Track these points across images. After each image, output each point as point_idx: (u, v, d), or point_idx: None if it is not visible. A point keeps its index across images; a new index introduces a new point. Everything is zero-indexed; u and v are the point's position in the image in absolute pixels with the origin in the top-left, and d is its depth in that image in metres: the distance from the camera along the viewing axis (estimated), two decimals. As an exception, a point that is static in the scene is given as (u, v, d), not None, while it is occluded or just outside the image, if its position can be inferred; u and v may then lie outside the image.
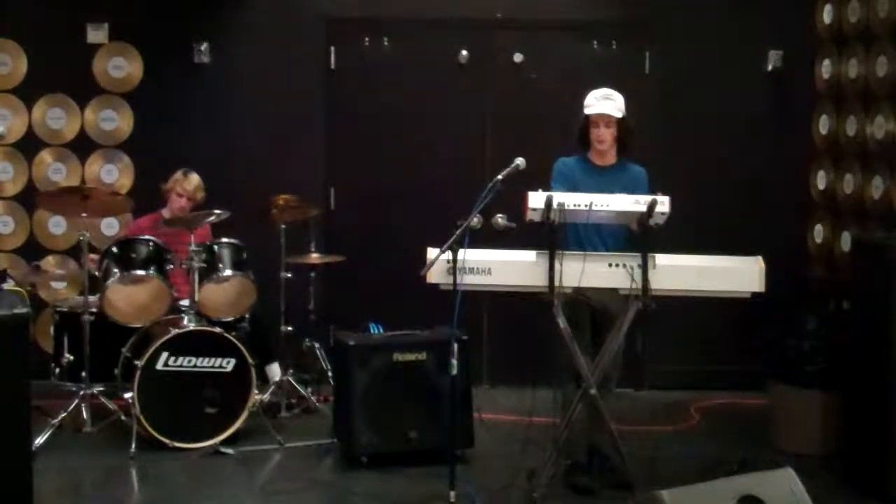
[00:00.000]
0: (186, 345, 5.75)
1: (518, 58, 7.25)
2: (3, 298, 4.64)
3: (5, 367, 4.20)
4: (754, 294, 4.90)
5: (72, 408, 5.82)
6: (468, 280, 4.79)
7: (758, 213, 7.07)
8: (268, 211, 6.36)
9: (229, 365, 5.80)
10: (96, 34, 7.14)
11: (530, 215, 4.81)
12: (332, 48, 7.26)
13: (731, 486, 3.90)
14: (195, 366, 5.75)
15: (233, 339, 5.83)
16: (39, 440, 5.50)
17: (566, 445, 5.08)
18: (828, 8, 6.68)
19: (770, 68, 7.19)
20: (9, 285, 5.74)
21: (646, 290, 4.79)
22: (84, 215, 5.85)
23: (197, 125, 7.12)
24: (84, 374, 5.87)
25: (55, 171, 7.18)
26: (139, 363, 5.65)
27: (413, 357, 5.55)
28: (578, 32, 7.23)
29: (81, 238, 5.87)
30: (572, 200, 4.80)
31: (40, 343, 6.66)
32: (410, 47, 7.27)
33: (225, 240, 6.18)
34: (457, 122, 7.23)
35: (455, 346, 4.76)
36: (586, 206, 4.79)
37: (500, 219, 5.05)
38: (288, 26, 7.20)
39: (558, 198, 4.78)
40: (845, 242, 6.43)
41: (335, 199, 7.30)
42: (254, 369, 5.85)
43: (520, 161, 4.92)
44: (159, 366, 5.69)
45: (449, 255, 4.73)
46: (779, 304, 5.64)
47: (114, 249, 5.97)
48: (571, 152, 5.36)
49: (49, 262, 7.15)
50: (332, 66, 7.27)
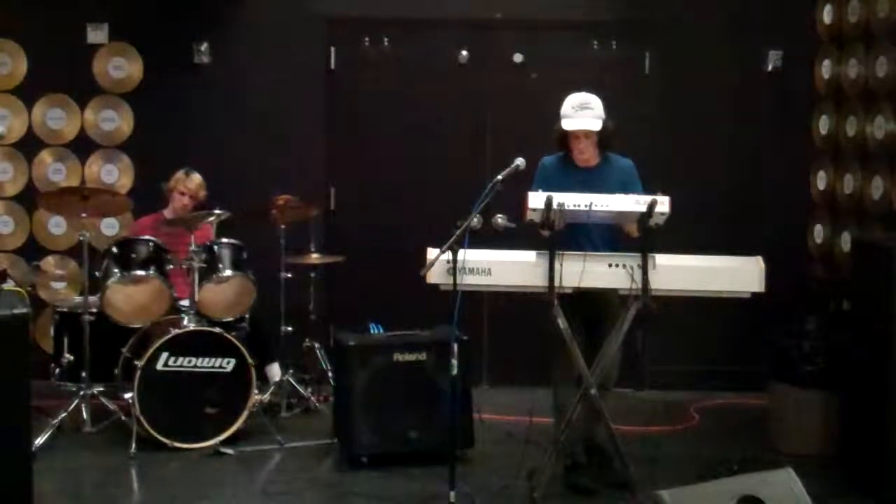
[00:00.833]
0: (186, 345, 5.75)
1: (518, 58, 7.25)
2: (3, 298, 4.63)
3: (5, 367, 4.20)
4: (754, 294, 4.89)
5: (72, 408, 5.83)
6: (468, 280, 4.79)
7: (758, 213, 7.07)
8: (268, 211, 6.37)
9: (229, 365, 5.80)
10: (96, 34, 7.14)
11: (530, 215, 4.81)
12: (332, 48, 7.25)
13: (731, 486, 3.90)
14: (195, 366, 5.75)
15: (233, 339, 5.83)
16: (39, 440, 5.50)
17: (566, 445, 5.08)
18: (828, 8, 6.68)
19: (770, 68, 7.18)
20: (9, 285, 5.72)
21: (646, 290, 4.79)
22: (84, 215, 5.85)
23: (197, 125, 7.12)
24: (84, 374, 5.87)
25: (55, 171, 7.17)
26: (139, 363, 5.66)
27: (413, 357, 5.55)
28: (578, 32, 7.23)
29: (81, 238, 5.87)
30: (572, 200, 4.80)
31: (40, 343, 6.66)
32: (410, 47, 7.27)
33: (225, 240, 6.18)
34: (457, 121, 7.23)
35: (455, 346, 4.75)
36: (586, 206, 4.79)
37: (500, 219, 5.04)
38: (288, 26, 7.19)
39: (558, 198, 4.77)
40: (845, 242, 6.43)
41: (335, 199, 7.29)
42: (254, 369, 5.86)
43: (520, 161, 4.92)
44: (159, 366, 5.69)
45: (449, 255, 4.73)
46: (779, 304, 5.63)
47: (114, 249, 5.98)
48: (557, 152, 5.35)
49: (49, 262, 7.14)
50: (332, 66, 7.26)
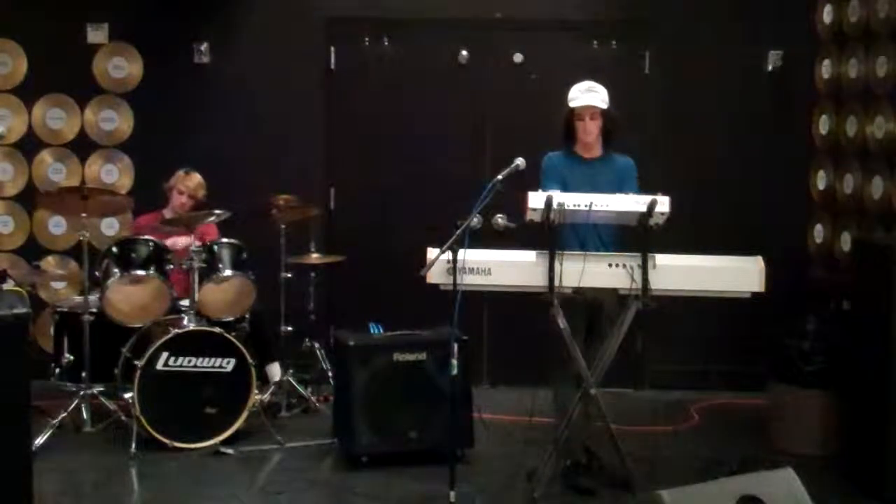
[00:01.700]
0: (186, 345, 5.75)
1: (518, 58, 7.25)
2: (3, 298, 4.63)
3: (5, 367, 4.20)
4: (754, 294, 4.90)
5: (72, 408, 5.83)
6: (468, 280, 4.79)
7: (758, 213, 7.07)
8: (268, 211, 6.37)
9: (229, 365, 5.80)
10: (96, 34, 7.15)
11: (530, 215, 4.81)
12: (332, 48, 7.25)
13: (731, 486, 3.89)
14: (195, 366, 5.75)
15: (233, 339, 5.83)
16: (39, 440, 5.50)
17: (566, 445, 5.08)
18: (828, 8, 6.68)
19: (770, 68, 7.18)
20: (9, 285, 5.73)
21: (646, 290, 4.79)
22: (84, 215, 5.85)
23: (197, 125, 7.12)
24: (84, 374, 5.88)
25: (55, 171, 7.18)
26: (139, 363, 5.65)
27: (413, 357, 5.55)
28: (578, 32, 7.22)
29: (81, 238, 5.87)
30: (572, 200, 4.80)
31: (40, 343, 6.66)
32: (410, 47, 7.27)
33: (225, 240, 6.19)
34: (457, 121, 7.23)
35: (455, 346, 4.75)
36: (586, 206, 4.79)
37: (500, 219, 5.04)
38: (288, 26, 7.19)
39: (558, 198, 4.78)
40: (845, 242, 6.42)
41: (335, 199, 7.30)
42: (254, 369, 5.86)
43: (520, 161, 4.92)
44: (159, 366, 5.69)
45: (449, 255, 4.73)
46: (779, 304, 5.64)
47: (114, 249, 5.98)
48: (561, 149, 5.35)
49: (49, 262, 7.15)
50: (332, 66, 7.26)
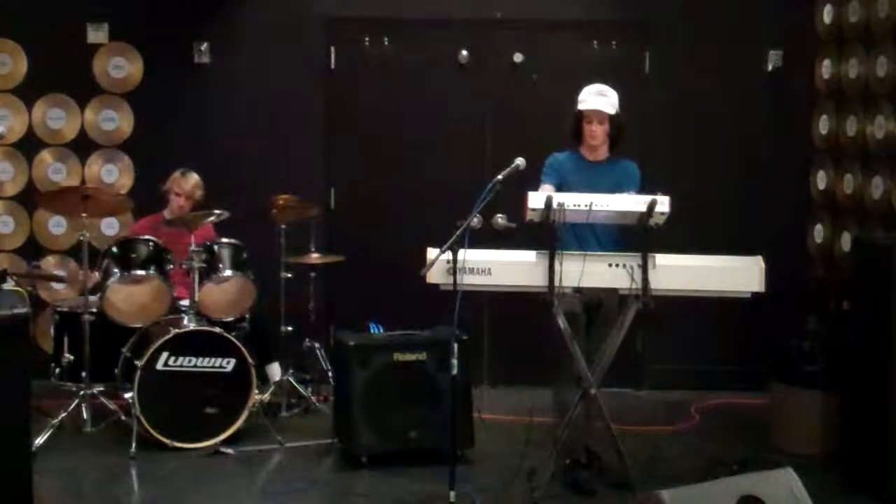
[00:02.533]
0: (186, 345, 5.75)
1: (518, 58, 7.25)
2: (3, 298, 4.63)
3: (5, 367, 4.19)
4: (754, 294, 4.90)
5: (72, 408, 5.82)
6: (468, 280, 4.78)
7: (758, 213, 7.06)
8: (268, 211, 6.37)
9: (229, 365, 5.80)
10: (96, 34, 7.14)
11: (530, 215, 4.81)
12: (332, 48, 7.25)
13: (731, 486, 3.89)
14: (195, 366, 5.75)
15: (233, 339, 5.83)
16: (39, 440, 5.50)
17: (566, 445, 5.08)
18: (828, 8, 6.68)
19: (770, 68, 7.18)
20: (9, 285, 5.73)
21: (646, 290, 4.79)
22: (84, 215, 5.85)
23: (197, 125, 7.11)
24: (84, 374, 5.87)
25: (55, 171, 7.17)
26: (139, 363, 5.65)
27: (413, 357, 5.55)
28: (578, 32, 7.22)
29: (81, 238, 5.87)
30: (572, 200, 4.80)
31: (40, 343, 6.65)
32: (410, 47, 7.27)
33: (225, 240, 6.18)
34: (457, 122, 7.23)
35: (455, 346, 4.75)
36: (586, 206, 4.79)
37: (500, 219, 5.04)
38: (288, 26, 7.19)
39: (558, 198, 4.78)
40: (845, 242, 6.42)
41: (335, 199, 7.29)
42: (254, 369, 5.86)
43: (520, 161, 4.92)
44: (159, 366, 5.69)
45: (449, 255, 4.73)
46: (779, 303, 5.64)
47: (114, 249, 5.98)
48: (567, 149, 5.37)
49: (49, 262, 7.15)
50: (332, 66, 7.26)
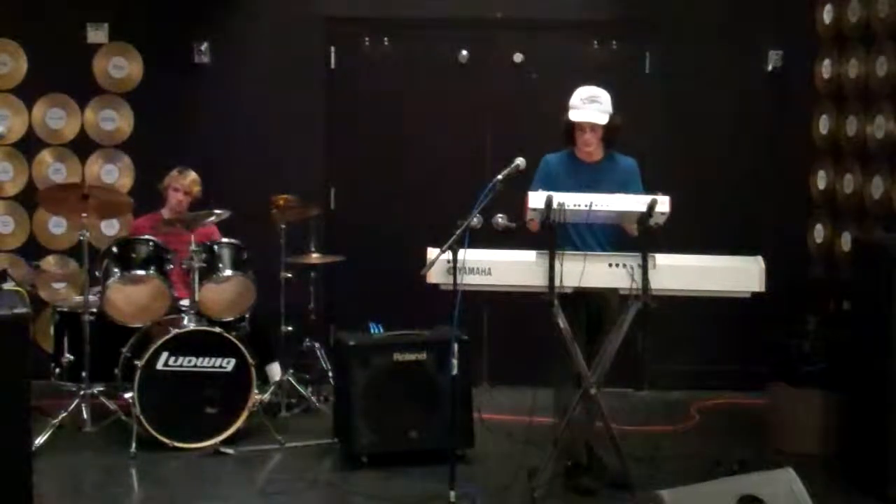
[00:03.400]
0: (186, 345, 5.75)
1: (518, 58, 7.25)
2: (3, 298, 4.63)
3: (5, 367, 4.20)
4: (754, 294, 4.90)
5: (72, 408, 5.83)
6: (468, 280, 4.79)
7: (758, 213, 7.07)
8: (268, 211, 6.37)
9: (229, 365, 5.80)
10: (96, 34, 7.14)
11: (530, 215, 4.81)
12: (332, 48, 7.25)
13: (731, 486, 3.90)
14: (195, 366, 5.75)
15: (233, 339, 5.83)
16: (39, 440, 5.50)
17: (566, 445, 5.08)
18: (828, 8, 6.67)
19: (770, 68, 7.18)
20: (9, 285, 5.73)
21: (646, 290, 4.79)
22: (84, 215, 5.85)
23: (197, 125, 7.12)
24: (84, 374, 5.87)
25: (55, 171, 7.17)
26: (139, 363, 5.65)
27: (413, 357, 5.55)
28: (578, 32, 7.23)
29: (81, 238, 5.87)
30: (572, 200, 4.80)
31: (40, 343, 6.65)
32: (410, 47, 7.27)
33: (225, 240, 6.19)
34: (457, 122, 7.23)
35: (455, 346, 4.75)
36: (586, 206, 4.79)
37: (500, 219, 5.04)
38: (288, 26, 7.19)
39: (558, 198, 4.77)
40: (845, 242, 6.42)
41: (335, 199, 7.29)
42: (254, 369, 5.85)
43: (520, 161, 4.93)
44: (159, 366, 5.69)
45: (449, 255, 4.73)
46: (779, 304, 5.64)
47: (114, 249, 5.98)
48: (563, 148, 5.35)
49: (49, 262, 7.15)
50: (332, 66, 7.26)
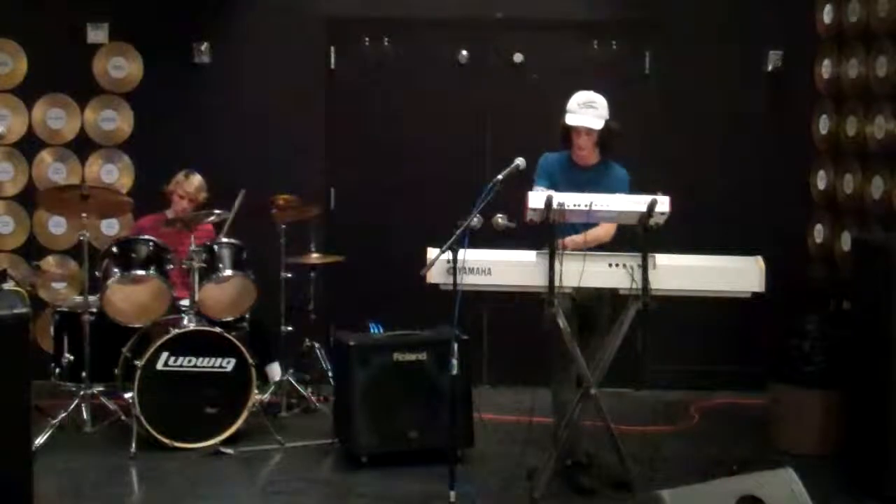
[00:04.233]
0: (186, 345, 5.75)
1: (518, 58, 7.25)
2: (3, 298, 4.63)
3: (5, 367, 4.20)
4: (754, 294, 4.90)
5: (72, 408, 5.82)
6: (468, 280, 4.78)
7: (758, 213, 7.07)
8: (268, 211, 6.37)
9: (229, 365, 5.80)
10: (96, 34, 7.14)
11: (530, 215, 4.81)
12: (332, 48, 7.25)
13: (731, 486, 3.90)
14: (195, 366, 5.75)
15: (233, 339, 5.83)
16: (39, 440, 5.50)
17: (566, 445, 5.08)
18: (828, 8, 6.68)
19: (770, 68, 7.17)
20: (9, 285, 5.74)
21: (646, 290, 4.79)
22: (84, 215, 5.85)
23: (197, 125, 7.11)
24: (84, 374, 5.87)
25: (55, 171, 7.17)
26: (139, 363, 5.65)
27: (413, 357, 5.55)
28: (578, 32, 7.22)
29: (81, 238, 5.87)
30: (572, 200, 4.80)
31: (40, 343, 6.66)
32: (410, 47, 7.27)
33: (225, 240, 6.18)
34: (457, 122, 7.23)
35: (455, 346, 4.75)
36: (586, 205, 4.79)
37: (500, 219, 5.04)
38: (288, 26, 7.19)
39: (558, 198, 4.78)
40: (845, 242, 6.42)
41: (335, 199, 7.30)
42: (254, 369, 5.86)
43: (520, 161, 4.93)
44: (159, 366, 5.69)
45: (449, 255, 4.73)
46: (779, 303, 5.64)
47: (114, 249, 5.98)
48: (561, 148, 5.37)
49: (49, 262, 7.15)
50: (332, 66, 7.26)
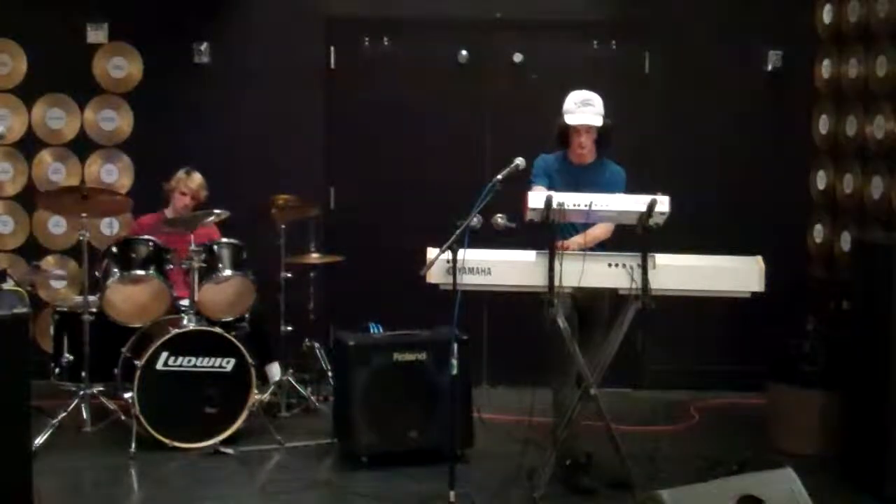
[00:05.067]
0: (186, 345, 5.75)
1: (518, 58, 7.25)
2: (3, 298, 4.63)
3: (5, 367, 4.20)
4: (754, 294, 4.90)
5: (72, 408, 5.82)
6: (468, 280, 4.79)
7: (758, 213, 7.06)
8: (268, 211, 6.37)
9: (229, 365, 5.80)
10: (96, 34, 7.14)
11: (530, 215, 4.81)
12: (332, 48, 7.26)
13: (731, 486, 3.90)
14: (195, 366, 5.75)
15: (233, 339, 5.83)
16: (39, 440, 5.50)
17: (566, 445, 5.08)
18: (828, 8, 6.68)
19: (770, 68, 7.17)
20: (9, 285, 5.73)
21: (646, 290, 4.79)
22: (84, 215, 5.85)
23: (197, 125, 7.11)
24: (84, 374, 5.87)
25: (55, 171, 7.17)
26: (139, 363, 5.65)
27: (413, 357, 5.55)
28: (578, 32, 7.22)
29: (81, 238, 5.87)
30: (572, 200, 4.80)
31: (40, 343, 6.65)
32: (410, 47, 7.27)
33: (225, 240, 6.18)
34: (457, 122, 7.23)
35: (455, 346, 4.75)
36: (586, 205, 4.79)
37: (500, 219, 5.04)
38: (288, 26, 7.19)
39: (558, 198, 4.78)
40: (845, 242, 6.43)
41: (335, 199, 7.30)
42: (254, 369, 5.86)
43: (520, 161, 4.93)
44: (159, 366, 5.69)
45: (449, 255, 4.74)
46: (779, 304, 5.64)
47: (114, 249, 5.98)
48: (556, 149, 5.38)
49: (49, 262, 7.15)
50: (332, 66, 7.26)
